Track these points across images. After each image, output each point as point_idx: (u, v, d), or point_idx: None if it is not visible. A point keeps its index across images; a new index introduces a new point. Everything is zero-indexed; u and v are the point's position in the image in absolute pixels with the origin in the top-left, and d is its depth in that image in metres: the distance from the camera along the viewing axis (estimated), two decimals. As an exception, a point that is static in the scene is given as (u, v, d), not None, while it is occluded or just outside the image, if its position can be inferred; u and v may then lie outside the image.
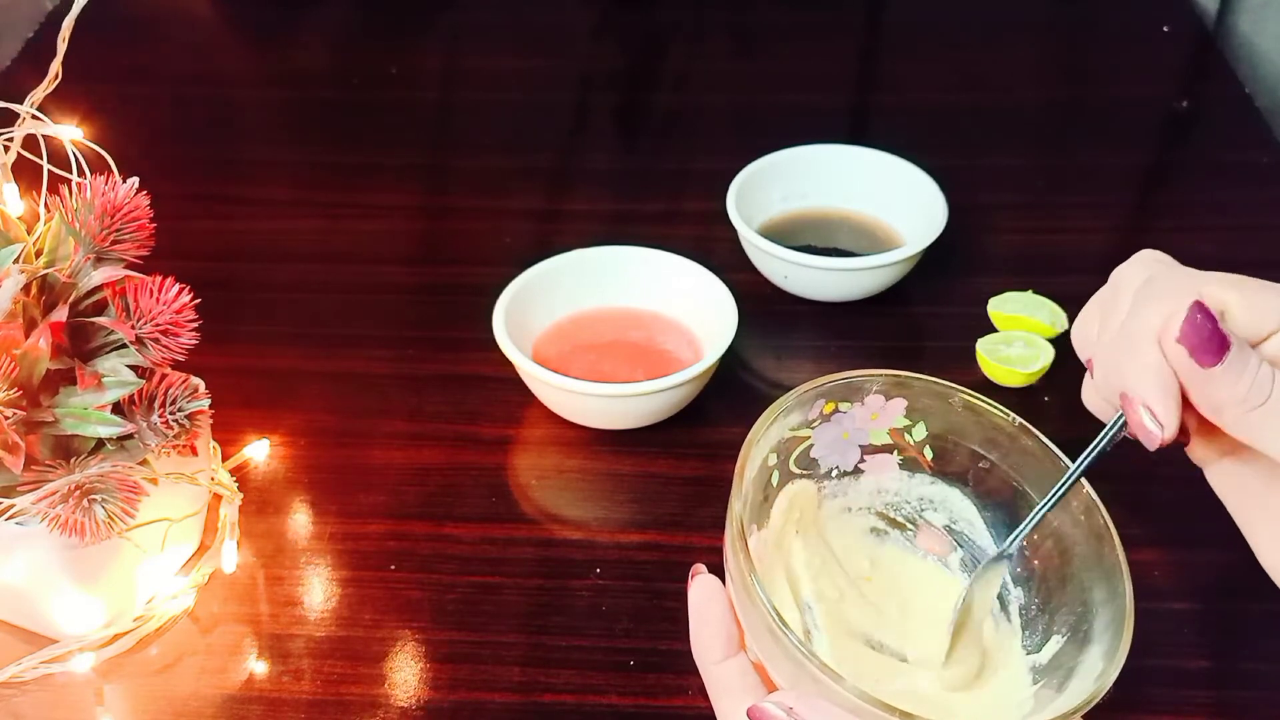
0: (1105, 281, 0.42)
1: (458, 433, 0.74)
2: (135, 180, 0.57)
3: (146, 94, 1.06)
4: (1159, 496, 0.67)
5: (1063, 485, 0.42)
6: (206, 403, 0.59)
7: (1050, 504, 0.43)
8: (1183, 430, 0.38)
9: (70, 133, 0.57)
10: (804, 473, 0.47)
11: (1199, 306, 0.36)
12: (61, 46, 0.56)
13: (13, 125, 0.57)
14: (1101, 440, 0.41)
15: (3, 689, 0.60)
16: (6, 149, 0.57)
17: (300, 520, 0.69)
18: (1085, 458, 0.41)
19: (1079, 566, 0.43)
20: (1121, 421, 0.39)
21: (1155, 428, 0.37)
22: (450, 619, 0.63)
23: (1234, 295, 0.37)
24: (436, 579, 0.65)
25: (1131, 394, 0.37)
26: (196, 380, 0.60)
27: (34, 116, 0.56)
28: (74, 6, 0.55)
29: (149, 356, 0.57)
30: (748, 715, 0.38)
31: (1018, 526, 0.46)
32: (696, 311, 0.76)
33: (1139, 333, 0.37)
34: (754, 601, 0.38)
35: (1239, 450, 0.39)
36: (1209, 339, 0.36)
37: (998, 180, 0.94)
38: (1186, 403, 0.38)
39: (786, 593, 0.45)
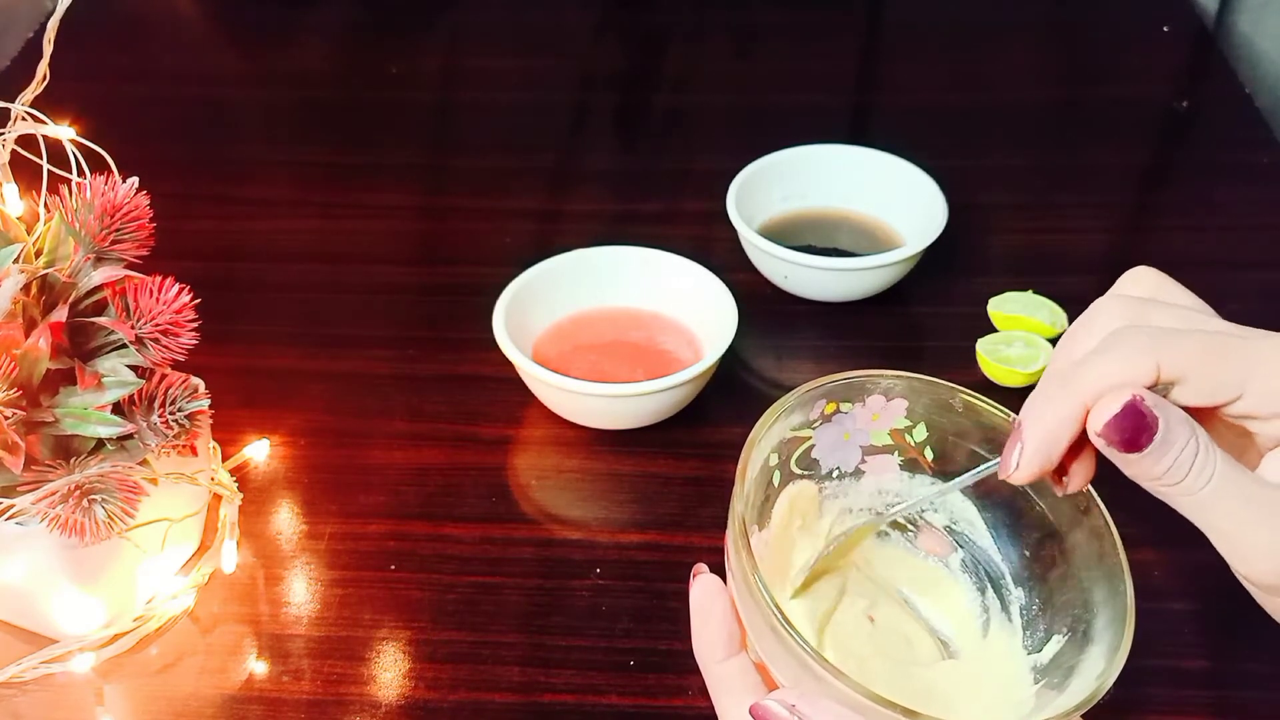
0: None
1: (458, 433, 0.74)
2: (135, 180, 0.57)
3: (146, 94, 1.06)
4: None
5: (957, 483, 0.44)
6: (206, 403, 0.59)
7: (942, 492, 0.45)
8: (1059, 474, 0.40)
9: (65, 132, 0.57)
10: (805, 473, 0.47)
11: (1125, 410, 0.36)
12: (47, 48, 0.55)
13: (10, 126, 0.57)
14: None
15: (3, 689, 0.60)
16: (3, 147, 0.57)
17: (300, 520, 0.69)
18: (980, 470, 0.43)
19: (1079, 566, 0.43)
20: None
21: (1012, 466, 0.38)
22: (450, 619, 0.63)
23: (1201, 364, 0.37)
24: (436, 579, 0.65)
25: (1022, 429, 0.38)
26: (196, 380, 0.60)
27: (32, 117, 0.56)
28: (58, 8, 0.55)
29: (149, 356, 0.57)
30: (750, 713, 0.38)
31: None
32: (696, 311, 0.76)
33: (1069, 385, 0.37)
34: (756, 600, 0.38)
35: None
36: (1130, 437, 0.36)
37: (998, 180, 0.94)
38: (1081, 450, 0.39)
39: (788, 593, 0.45)
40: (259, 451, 0.71)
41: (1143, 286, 0.41)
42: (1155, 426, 0.36)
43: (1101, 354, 0.37)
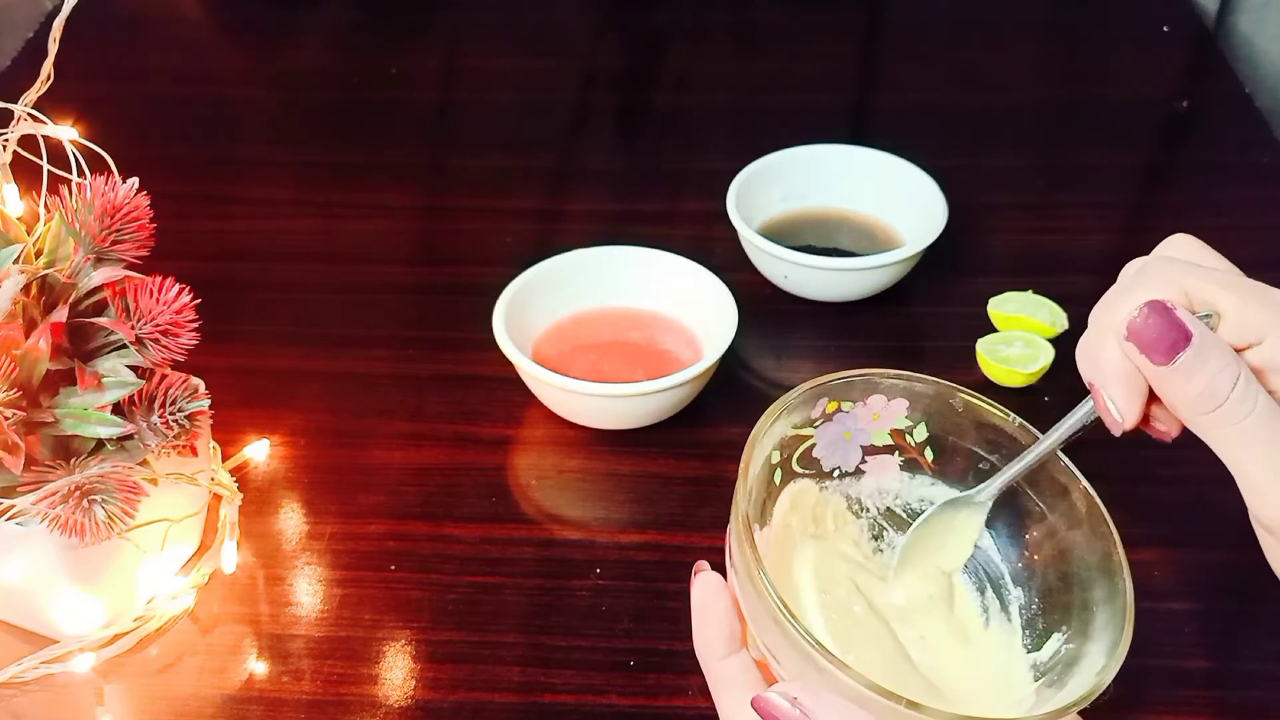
0: (1105, 282, 0.42)
1: (458, 433, 0.74)
2: (135, 180, 0.57)
3: (146, 94, 1.06)
4: (1159, 496, 0.67)
5: (1036, 451, 0.43)
6: (206, 403, 0.59)
7: (1023, 467, 0.44)
8: (1147, 421, 0.39)
9: (66, 133, 0.57)
10: (806, 472, 0.47)
11: (1152, 306, 0.36)
12: (53, 48, 0.56)
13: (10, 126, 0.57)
14: (1076, 415, 0.42)
15: (3, 689, 0.60)
16: (4, 148, 0.57)
17: (300, 520, 0.69)
18: (1061, 428, 0.42)
19: (1079, 565, 0.43)
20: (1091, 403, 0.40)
21: (1117, 416, 0.38)
22: (450, 619, 0.63)
23: (1228, 298, 0.37)
24: (436, 579, 0.65)
25: (1096, 383, 0.38)
26: (196, 380, 0.60)
27: (33, 117, 0.56)
28: (64, 7, 0.55)
29: (149, 357, 0.57)
30: (752, 706, 0.38)
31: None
32: (696, 311, 0.76)
33: (1107, 323, 0.38)
34: (760, 594, 0.38)
35: None
36: (1159, 338, 0.36)
37: (998, 180, 0.94)
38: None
39: (788, 589, 0.45)
40: (259, 451, 0.71)
41: (1181, 252, 0.41)
42: (1187, 336, 0.35)
43: (1125, 289, 0.38)
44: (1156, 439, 0.40)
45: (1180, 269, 0.38)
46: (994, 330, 0.78)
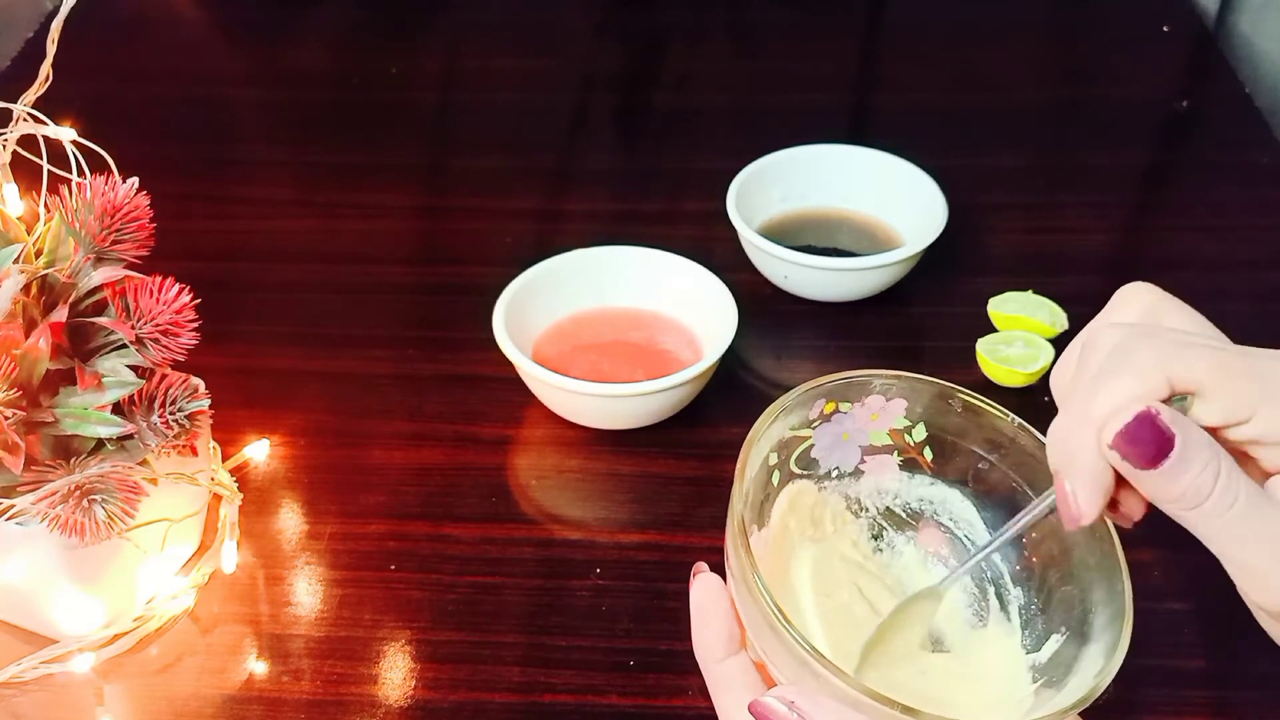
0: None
1: (458, 433, 0.74)
2: (135, 180, 0.57)
3: (146, 94, 1.06)
4: (1159, 496, 0.67)
5: (997, 540, 0.43)
6: (206, 403, 0.59)
7: (984, 553, 0.44)
8: (1114, 506, 0.38)
9: (65, 133, 0.57)
10: (804, 473, 0.47)
11: (1141, 418, 0.34)
12: (51, 48, 0.56)
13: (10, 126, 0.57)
14: (1042, 504, 0.41)
15: (3, 689, 0.60)
16: (4, 148, 0.57)
17: (300, 520, 0.69)
18: (1023, 519, 0.42)
19: (1078, 565, 0.43)
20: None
21: (1075, 511, 0.37)
22: (450, 619, 0.63)
23: (1216, 379, 0.35)
24: (436, 579, 0.65)
25: (1063, 473, 0.37)
26: (196, 380, 0.60)
27: (33, 118, 0.56)
28: (63, 7, 0.55)
29: (149, 357, 0.57)
30: (749, 710, 0.38)
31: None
32: (696, 311, 0.76)
33: (1084, 416, 0.36)
34: (756, 598, 0.38)
35: None
36: (1144, 449, 0.34)
37: (998, 180, 0.94)
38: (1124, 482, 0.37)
39: (787, 592, 0.45)
40: (259, 451, 0.71)
41: (1136, 308, 0.39)
42: (1172, 442, 0.34)
43: (1109, 373, 0.36)
44: (1118, 523, 0.39)
45: (1164, 352, 0.35)
46: (994, 330, 0.78)
